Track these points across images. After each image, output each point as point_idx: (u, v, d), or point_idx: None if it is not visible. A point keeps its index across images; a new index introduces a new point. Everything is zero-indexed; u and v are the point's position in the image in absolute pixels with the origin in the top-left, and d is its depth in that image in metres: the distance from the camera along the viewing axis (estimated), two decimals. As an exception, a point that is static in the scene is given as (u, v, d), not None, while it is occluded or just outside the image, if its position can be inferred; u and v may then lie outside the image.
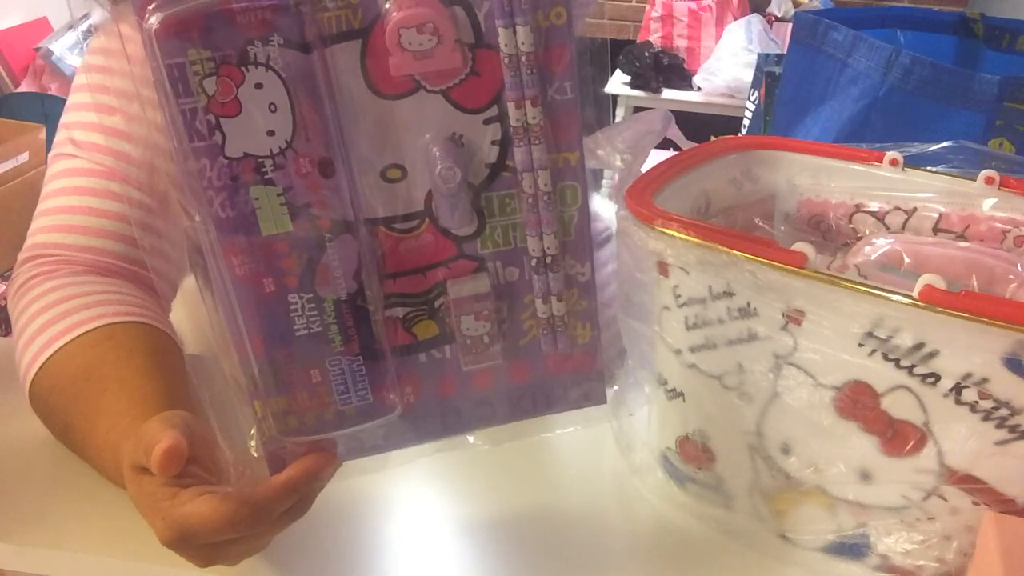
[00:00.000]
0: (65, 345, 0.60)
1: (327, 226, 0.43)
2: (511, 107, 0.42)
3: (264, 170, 0.41)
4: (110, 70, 0.70)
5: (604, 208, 0.97)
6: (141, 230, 0.69)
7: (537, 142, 0.43)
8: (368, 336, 0.45)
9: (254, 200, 0.42)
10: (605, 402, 0.51)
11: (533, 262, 0.46)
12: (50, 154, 0.72)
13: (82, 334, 0.60)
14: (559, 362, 0.49)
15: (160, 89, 0.40)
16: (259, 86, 0.40)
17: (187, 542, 0.46)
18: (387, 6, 0.40)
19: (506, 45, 0.41)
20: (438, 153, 0.43)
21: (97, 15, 0.43)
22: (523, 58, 0.41)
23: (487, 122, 0.43)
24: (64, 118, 0.71)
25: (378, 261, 0.45)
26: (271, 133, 0.41)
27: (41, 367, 0.60)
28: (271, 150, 0.41)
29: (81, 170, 0.69)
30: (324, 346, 0.45)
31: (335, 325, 0.44)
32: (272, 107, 0.40)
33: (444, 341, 0.47)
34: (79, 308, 0.61)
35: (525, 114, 0.42)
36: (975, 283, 0.57)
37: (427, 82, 0.42)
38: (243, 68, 0.40)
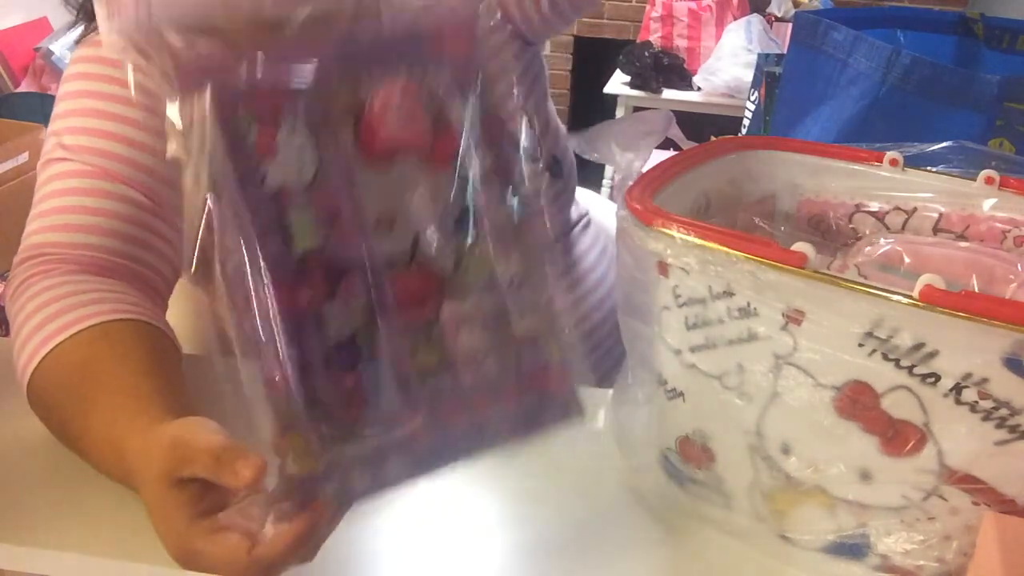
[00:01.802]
0: (61, 343, 0.60)
1: (347, 253, 0.48)
2: (473, 159, 0.51)
3: (297, 199, 0.48)
4: (96, 77, 0.72)
5: (583, 196, 0.98)
6: (135, 226, 0.70)
7: (493, 182, 0.52)
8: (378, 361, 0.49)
9: (292, 224, 0.47)
10: (583, 415, 0.53)
11: (506, 284, 0.51)
12: (40, 162, 0.72)
13: (77, 332, 0.60)
14: (540, 380, 0.52)
15: (215, 156, 0.46)
16: (292, 131, 0.48)
17: (190, 568, 0.48)
18: (372, 91, 0.50)
19: (459, 114, 0.51)
20: (428, 225, 0.50)
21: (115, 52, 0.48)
22: (475, 120, 0.51)
23: (454, 172, 0.51)
24: (51, 127, 0.73)
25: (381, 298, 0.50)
26: (300, 169, 0.48)
27: (37, 366, 0.60)
28: (302, 181, 0.48)
29: (73, 172, 0.69)
30: (355, 351, 0.49)
31: (364, 332, 0.49)
32: (302, 147, 0.48)
33: (443, 369, 0.51)
34: (75, 306, 0.62)
35: (482, 162, 0.51)
36: (975, 283, 0.57)
37: (406, 147, 0.50)
38: (279, 120, 0.47)
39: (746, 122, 1.89)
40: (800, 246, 0.48)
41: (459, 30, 0.52)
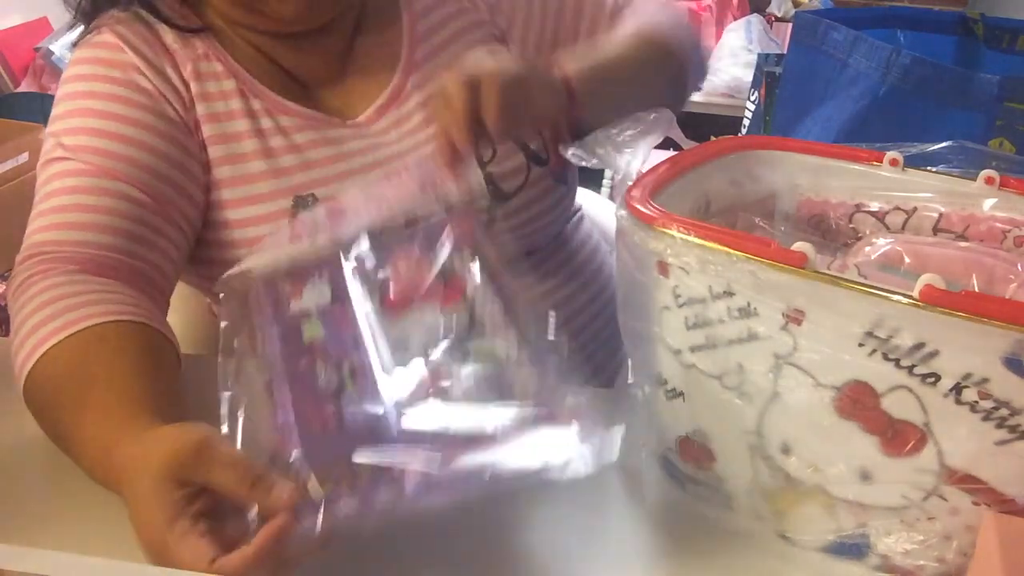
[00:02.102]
0: (56, 344, 0.60)
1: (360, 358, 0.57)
2: (476, 296, 0.60)
3: (312, 316, 0.60)
4: (95, 77, 0.73)
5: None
6: (136, 223, 0.70)
7: (494, 306, 0.59)
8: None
9: (304, 328, 0.60)
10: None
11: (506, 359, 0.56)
12: (39, 163, 0.73)
13: (73, 333, 0.60)
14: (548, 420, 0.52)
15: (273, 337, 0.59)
16: (316, 284, 0.62)
17: (159, 563, 0.49)
18: (390, 264, 0.62)
19: (464, 266, 0.61)
20: (440, 344, 0.57)
21: None
22: (475, 271, 0.61)
23: (463, 305, 0.59)
24: (50, 127, 0.73)
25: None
26: (318, 301, 0.61)
27: (33, 366, 0.60)
28: (318, 307, 0.61)
29: (72, 171, 0.70)
30: (339, 395, 0.55)
31: (350, 381, 0.56)
32: (321, 291, 0.61)
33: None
34: (72, 307, 0.62)
35: (484, 297, 0.59)
36: (975, 283, 0.57)
37: (420, 298, 0.60)
38: (307, 279, 0.62)
39: (746, 122, 1.89)
40: (800, 246, 0.48)
41: (462, 219, 0.63)
